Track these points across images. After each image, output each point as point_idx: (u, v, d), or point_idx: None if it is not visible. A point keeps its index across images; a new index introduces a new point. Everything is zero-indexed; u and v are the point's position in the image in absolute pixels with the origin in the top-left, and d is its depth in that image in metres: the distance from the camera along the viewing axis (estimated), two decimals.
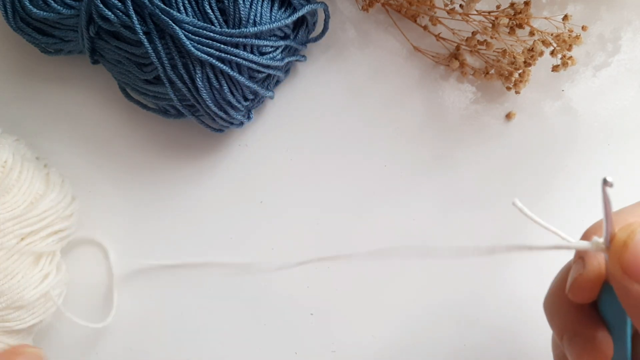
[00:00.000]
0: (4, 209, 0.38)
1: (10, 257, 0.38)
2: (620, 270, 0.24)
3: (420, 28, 0.47)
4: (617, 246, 0.25)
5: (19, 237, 0.39)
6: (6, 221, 0.38)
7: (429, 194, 0.45)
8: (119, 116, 0.46)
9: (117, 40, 0.41)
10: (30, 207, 0.39)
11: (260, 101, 0.45)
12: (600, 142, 0.46)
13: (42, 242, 0.40)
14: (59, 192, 0.41)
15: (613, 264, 0.25)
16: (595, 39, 0.48)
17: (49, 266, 0.40)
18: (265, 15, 0.40)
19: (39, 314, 0.39)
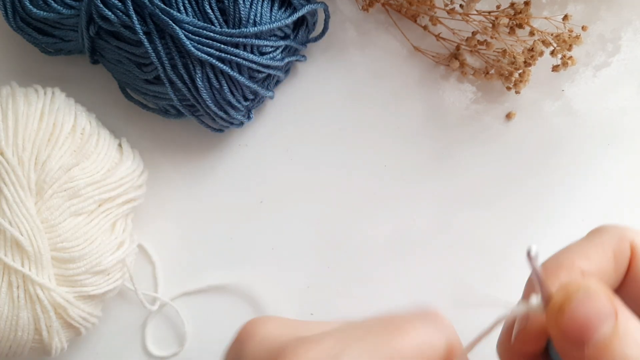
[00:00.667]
0: (84, 174, 0.39)
1: (90, 222, 0.39)
2: (559, 335, 0.24)
3: (420, 28, 0.47)
4: (553, 311, 0.24)
5: (98, 203, 0.40)
6: (87, 186, 0.39)
7: (429, 193, 0.45)
8: (119, 116, 0.46)
9: (117, 40, 0.41)
10: (108, 173, 0.40)
11: (260, 101, 0.45)
12: (600, 142, 0.46)
13: (118, 209, 0.41)
14: (132, 161, 0.42)
15: (552, 329, 0.24)
16: (595, 39, 0.48)
17: (122, 234, 0.41)
18: (265, 15, 0.40)
19: (114, 281, 0.40)
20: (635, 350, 0.22)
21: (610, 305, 0.23)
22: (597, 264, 0.27)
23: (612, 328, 0.22)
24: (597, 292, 0.23)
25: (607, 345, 0.22)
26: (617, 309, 0.23)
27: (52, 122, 0.39)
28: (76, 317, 0.38)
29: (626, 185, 0.46)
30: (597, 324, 0.23)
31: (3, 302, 0.36)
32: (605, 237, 0.27)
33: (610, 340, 0.22)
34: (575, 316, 0.23)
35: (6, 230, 0.37)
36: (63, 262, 0.38)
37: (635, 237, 0.27)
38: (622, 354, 0.22)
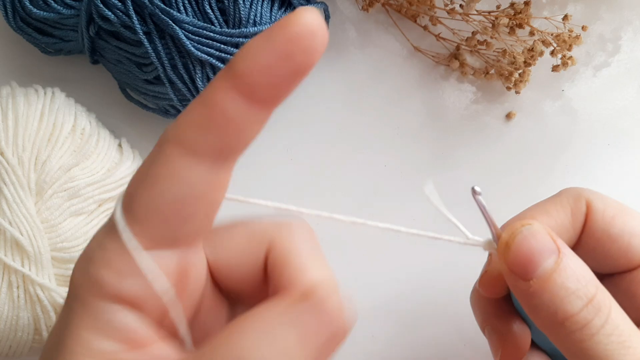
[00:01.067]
0: (84, 174, 0.39)
1: (90, 222, 0.39)
2: (507, 269, 0.26)
3: (420, 28, 0.47)
4: (501, 247, 0.26)
5: (98, 203, 0.40)
6: (87, 186, 0.39)
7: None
8: (119, 116, 0.46)
9: (117, 40, 0.41)
10: (108, 173, 0.40)
11: None
12: (600, 142, 0.46)
13: None
14: (132, 161, 0.42)
15: (500, 264, 0.26)
16: (595, 39, 0.48)
17: None
18: (265, 15, 0.40)
19: None
20: (574, 283, 0.24)
21: (553, 243, 0.25)
22: (556, 218, 0.29)
23: (554, 263, 0.25)
24: (539, 231, 0.25)
25: (549, 278, 0.24)
26: (560, 247, 0.25)
27: (52, 122, 0.39)
28: None
29: (626, 185, 0.46)
30: (540, 259, 0.25)
31: (3, 302, 0.36)
32: (563, 196, 0.30)
33: (552, 273, 0.24)
34: (520, 251, 0.25)
35: (6, 230, 0.37)
36: (63, 262, 0.38)
37: (591, 195, 0.29)
38: (563, 286, 0.24)
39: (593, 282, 0.25)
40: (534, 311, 0.25)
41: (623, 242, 0.28)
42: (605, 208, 0.29)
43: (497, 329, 0.31)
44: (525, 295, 0.25)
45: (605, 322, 0.24)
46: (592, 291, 0.25)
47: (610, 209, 0.29)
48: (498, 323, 0.31)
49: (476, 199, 0.26)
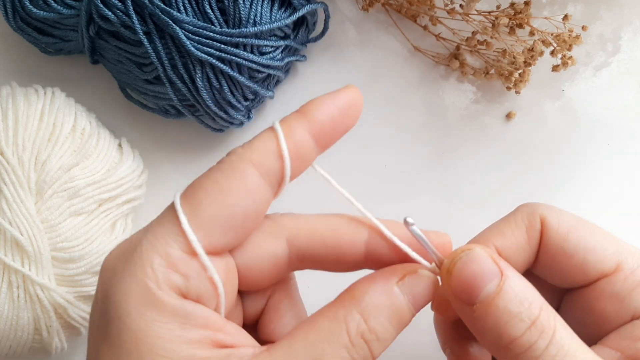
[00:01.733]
0: (84, 174, 0.39)
1: (90, 222, 0.39)
2: (452, 295, 0.26)
3: (420, 28, 0.47)
4: (443, 273, 0.26)
5: (98, 203, 0.40)
6: (87, 185, 0.39)
7: (429, 193, 0.45)
8: (119, 116, 0.46)
9: (117, 40, 0.41)
10: (108, 173, 0.40)
11: (260, 101, 0.45)
12: (600, 142, 0.46)
13: (117, 209, 0.41)
14: (132, 161, 0.42)
15: (446, 291, 0.26)
16: (595, 39, 0.48)
17: (122, 234, 0.41)
18: (265, 15, 0.40)
19: None
20: (517, 306, 0.24)
21: (495, 266, 0.25)
22: (511, 239, 0.29)
23: (496, 287, 0.25)
24: (480, 254, 0.25)
25: (491, 302, 0.24)
26: (503, 270, 0.25)
27: (52, 122, 0.39)
28: (76, 317, 0.38)
29: (626, 185, 0.46)
30: (481, 283, 0.25)
31: (3, 302, 0.36)
32: (517, 215, 0.30)
33: (494, 297, 0.24)
34: (461, 277, 0.25)
35: (6, 230, 0.37)
36: (63, 262, 0.38)
37: (545, 211, 0.29)
38: (505, 310, 0.24)
39: (537, 303, 0.25)
40: (480, 335, 0.25)
41: (578, 258, 0.28)
42: (559, 224, 0.29)
43: (455, 351, 0.31)
44: (470, 320, 0.25)
45: (549, 342, 0.24)
46: (536, 312, 0.24)
47: (564, 224, 0.29)
48: (455, 346, 0.31)
49: (410, 231, 0.26)
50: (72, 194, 0.38)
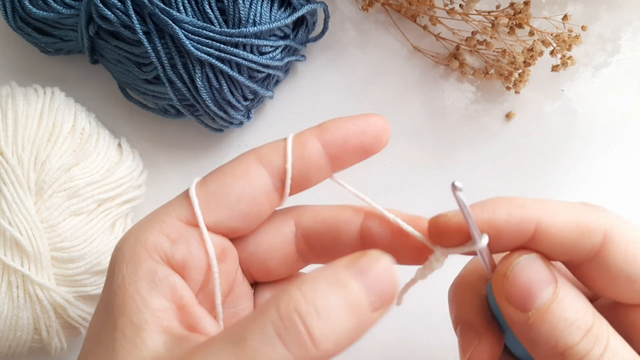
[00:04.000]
0: (84, 174, 0.39)
1: (90, 222, 0.39)
2: (504, 301, 0.25)
3: (420, 28, 0.47)
4: (498, 278, 0.25)
5: (97, 203, 0.40)
6: (86, 185, 0.39)
7: (429, 193, 0.45)
8: (118, 116, 0.46)
9: (116, 40, 0.41)
10: (107, 173, 0.40)
11: (260, 101, 0.45)
12: (600, 142, 0.46)
13: (117, 209, 0.41)
14: (132, 161, 0.42)
15: (497, 294, 0.26)
16: (595, 39, 0.48)
17: (122, 234, 0.41)
18: (265, 15, 0.40)
19: None
20: (572, 314, 0.24)
21: (550, 273, 0.25)
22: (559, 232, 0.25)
23: (552, 294, 0.24)
24: (537, 260, 0.25)
25: (547, 309, 0.24)
26: (557, 277, 0.25)
27: (51, 122, 0.39)
28: (76, 317, 0.38)
29: (626, 185, 0.46)
30: (538, 290, 0.24)
31: (3, 302, 0.36)
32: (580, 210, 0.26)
33: (550, 305, 0.24)
34: (519, 282, 0.25)
35: (6, 230, 0.37)
36: (63, 261, 0.38)
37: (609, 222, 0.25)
38: (562, 317, 0.24)
39: (590, 312, 0.25)
40: (533, 342, 0.25)
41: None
42: (627, 244, 0.25)
43: (472, 327, 0.29)
44: (524, 327, 0.25)
45: (604, 350, 0.24)
46: (590, 320, 0.24)
47: (633, 246, 0.25)
48: (474, 321, 0.29)
49: (457, 197, 0.25)
50: (71, 193, 0.38)
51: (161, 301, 0.24)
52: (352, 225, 0.28)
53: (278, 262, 0.29)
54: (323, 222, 0.29)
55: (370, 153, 0.28)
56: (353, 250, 0.26)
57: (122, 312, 0.24)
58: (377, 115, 0.28)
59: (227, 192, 0.26)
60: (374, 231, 0.28)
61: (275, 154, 0.27)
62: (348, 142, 0.28)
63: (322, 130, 0.28)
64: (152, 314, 0.24)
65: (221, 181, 0.27)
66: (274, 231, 0.29)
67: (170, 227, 0.26)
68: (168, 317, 0.24)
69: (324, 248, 0.29)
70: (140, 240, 0.25)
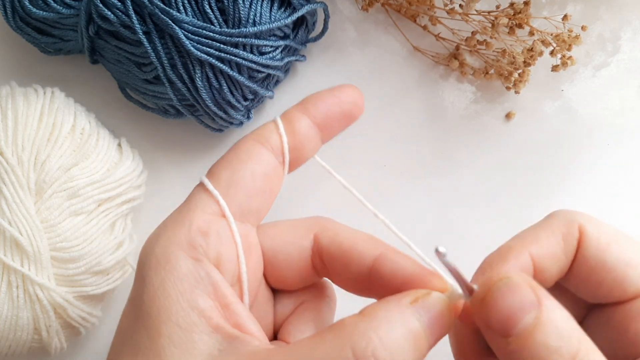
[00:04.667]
0: (84, 173, 0.39)
1: (90, 222, 0.39)
2: (484, 327, 0.24)
3: (420, 28, 0.47)
4: (477, 303, 0.24)
5: (97, 203, 0.40)
6: (86, 185, 0.39)
7: (429, 193, 0.45)
8: (118, 116, 0.46)
9: (116, 40, 0.41)
10: (107, 173, 0.40)
11: (260, 101, 0.45)
12: (600, 142, 0.46)
13: (117, 209, 0.41)
14: (132, 161, 0.42)
15: (477, 320, 0.25)
16: (595, 39, 0.48)
17: (122, 234, 0.41)
18: (265, 15, 0.40)
19: (113, 281, 0.40)
20: (556, 340, 0.22)
21: (533, 296, 0.23)
22: (546, 246, 0.27)
23: (535, 318, 0.23)
24: (518, 284, 0.24)
25: (529, 335, 0.23)
26: (542, 299, 0.23)
27: (51, 122, 0.39)
28: (76, 317, 0.38)
29: (626, 185, 0.46)
30: (519, 316, 0.23)
31: (2, 302, 0.36)
32: (554, 222, 0.28)
33: (533, 330, 0.23)
34: (498, 308, 0.23)
35: (6, 230, 0.37)
36: (63, 261, 0.38)
37: (583, 220, 0.27)
38: (544, 344, 0.22)
39: (575, 335, 0.23)
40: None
41: (619, 272, 0.27)
42: (599, 235, 0.27)
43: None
44: (504, 353, 0.24)
45: None
46: (575, 346, 0.23)
47: (605, 235, 0.27)
48: (475, 355, 0.28)
49: (442, 261, 0.24)
50: (71, 193, 0.38)
51: (206, 300, 0.24)
52: (365, 261, 0.28)
53: (294, 272, 0.29)
54: (339, 246, 0.29)
55: (352, 118, 0.30)
56: (360, 281, 0.28)
57: (166, 317, 0.23)
58: (349, 86, 0.30)
59: (240, 175, 0.27)
60: (382, 273, 0.27)
61: (270, 132, 0.29)
62: (331, 111, 0.30)
63: (305, 104, 0.30)
64: (200, 315, 0.23)
65: (230, 168, 0.28)
66: (294, 241, 0.29)
67: (199, 220, 0.26)
68: (216, 315, 0.24)
69: (334, 270, 0.29)
70: (172, 240, 0.25)
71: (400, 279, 0.27)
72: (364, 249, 0.28)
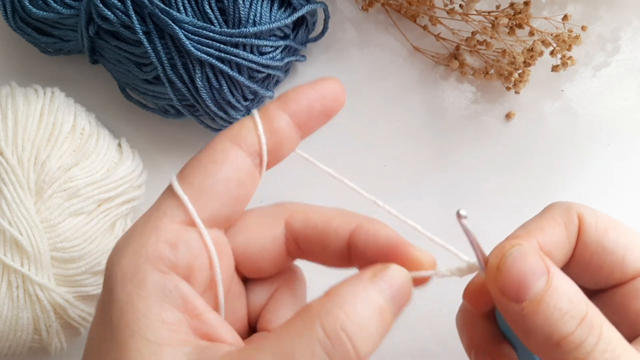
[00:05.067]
0: (84, 173, 0.39)
1: (89, 222, 0.39)
2: (498, 293, 0.25)
3: (420, 28, 0.47)
4: (491, 270, 0.26)
5: (97, 203, 0.40)
6: (86, 185, 0.39)
7: (429, 193, 0.45)
8: (118, 116, 0.46)
9: (116, 40, 0.41)
10: (108, 173, 0.40)
11: (260, 101, 0.45)
12: (600, 142, 0.46)
13: (117, 209, 0.41)
14: (132, 161, 0.42)
15: (491, 288, 0.26)
16: (595, 39, 0.48)
17: (121, 235, 0.40)
18: (265, 15, 0.40)
19: None
20: (566, 303, 0.24)
21: (542, 264, 0.25)
22: (552, 234, 0.29)
23: (545, 284, 0.24)
24: (529, 252, 0.25)
25: (541, 299, 0.24)
26: (549, 267, 0.25)
27: (51, 122, 0.39)
28: (76, 317, 0.38)
29: (626, 185, 0.46)
30: (532, 280, 0.24)
31: (3, 302, 0.36)
32: (554, 211, 0.30)
33: (544, 295, 0.24)
34: (511, 273, 0.25)
35: (6, 230, 0.37)
36: (63, 262, 0.38)
37: (581, 209, 0.29)
38: (556, 307, 0.24)
39: (584, 301, 0.25)
40: (528, 333, 0.25)
41: (618, 254, 0.28)
42: (597, 221, 0.29)
43: (486, 350, 0.30)
44: (518, 318, 0.25)
45: (598, 339, 0.24)
46: (584, 309, 0.24)
47: (602, 221, 0.29)
48: (486, 345, 0.30)
49: (462, 224, 0.25)
50: (71, 194, 0.38)
51: (175, 313, 0.23)
52: (341, 236, 0.28)
53: (268, 262, 0.29)
54: (313, 227, 0.29)
55: (332, 115, 0.29)
56: (340, 257, 0.28)
57: (134, 331, 0.23)
58: (330, 79, 0.30)
59: (213, 181, 0.26)
60: (360, 245, 0.28)
61: (247, 132, 0.27)
62: (312, 108, 0.29)
63: (286, 100, 0.28)
64: (169, 329, 0.23)
65: (204, 172, 0.26)
66: (266, 233, 0.28)
67: (166, 231, 0.25)
68: (184, 329, 0.23)
69: (312, 251, 0.29)
70: (139, 252, 0.24)
71: (376, 249, 0.28)
72: (338, 225, 0.28)
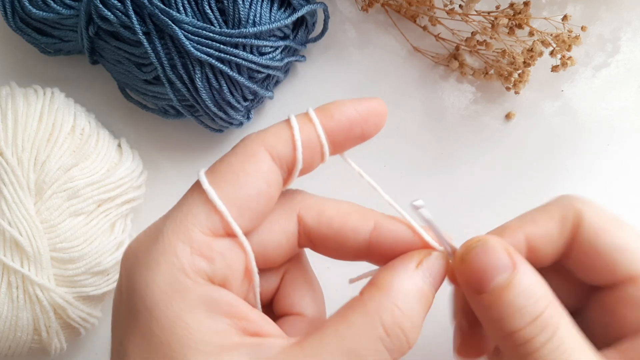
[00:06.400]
0: (84, 174, 0.39)
1: (89, 223, 0.39)
2: (462, 283, 0.27)
3: (419, 28, 0.47)
4: (456, 261, 0.27)
5: (97, 203, 0.40)
6: (86, 186, 0.39)
7: (429, 194, 0.45)
8: (118, 116, 0.46)
9: (116, 40, 0.41)
10: (107, 174, 0.40)
11: (259, 101, 0.45)
12: (600, 142, 0.46)
13: (117, 209, 0.41)
14: (132, 161, 0.42)
15: (458, 277, 0.27)
16: (595, 39, 0.48)
17: (122, 235, 0.41)
18: (265, 15, 0.40)
19: (113, 281, 0.40)
20: (523, 300, 0.25)
21: (508, 259, 0.26)
22: (542, 227, 0.29)
23: (507, 279, 0.25)
24: (494, 247, 0.26)
25: (500, 293, 0.25)
26: (518, 263, 0.26)
27: (51, 123, 0.39)
28: (75, 318, 0.38)
29: (626, 185, 0.46)
30: (492, 274, 0.25)
31: (2, 303, 0.36)
32: (553, 205, 0.30)
33: (504, 289, 0.25)
34: (474, 266, 0.26)
35: (6, 231, 0.37)
36: (62, 262, 0.38)
37: (583, 206, 0.29)
38: (512, 302, 0.25)
39: (544, 300, 0.25)
40: (485, 322, 0.26)
41: (609, 257, 0.28)
42: (596, 220, 0.29)
43: (462, 325, 0.31)
44: (478, 307, 0.26)
45: (550, 338, 0.25)
46: (540, 309, 0.25)
47: (601, 221, 0.29)
48: (464, 321, 0.31)
49: (420, 213, 0.27)
50: (71, 194, 0.38)
51: (223, 320, 0.24)
52: (360, 235, 0.28)
53: (281, 256, 0.29)
54: (328, 225, 0.28)
55: (368, 138, 0.29)
56: (355, 254, 0.29)
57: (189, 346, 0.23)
58: (376, 100, 0.29)
59: (246, 194, 0.25)
60: (383, 246, 0.28)
61: (282, 143, 0.26)
62: (352, 130, 0.28)
63: (327, 116, 0.28)
64: (222, 336, 0.23)
65: (235, 181, 0.25)
66: (279, 229, 0.28)
67: (200, 244, 0.24)
68: (234, 332, 0.24)
69: (326, 247, 0.29)
70: (175, 267, 0.24)
71: (401, 247, 0.28)
72: (356, 224, 0.29)
